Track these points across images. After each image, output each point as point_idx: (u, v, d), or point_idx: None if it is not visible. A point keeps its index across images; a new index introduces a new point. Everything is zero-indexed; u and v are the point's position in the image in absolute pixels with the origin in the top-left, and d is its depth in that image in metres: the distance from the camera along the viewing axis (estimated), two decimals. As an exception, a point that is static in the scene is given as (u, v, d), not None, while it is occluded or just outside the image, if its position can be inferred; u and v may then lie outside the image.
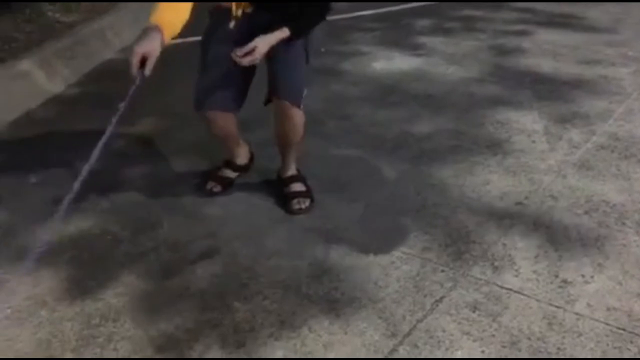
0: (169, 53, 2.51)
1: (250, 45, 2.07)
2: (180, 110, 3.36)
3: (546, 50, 4.21)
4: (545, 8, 5.33)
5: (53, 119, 3.35)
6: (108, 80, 3.93)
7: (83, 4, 4.90)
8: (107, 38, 4.40)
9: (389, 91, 3.68)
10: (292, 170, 2.57)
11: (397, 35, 4.74)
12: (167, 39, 1.97)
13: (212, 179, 2.62)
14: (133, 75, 1.89)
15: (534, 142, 2.91)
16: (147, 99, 3.54)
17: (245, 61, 2.10)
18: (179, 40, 2.87)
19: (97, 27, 4.44)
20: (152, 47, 1.89)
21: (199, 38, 2.46)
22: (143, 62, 1.88)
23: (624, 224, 2.27)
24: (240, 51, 2.08)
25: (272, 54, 2.22)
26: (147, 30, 1.93)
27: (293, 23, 2.14)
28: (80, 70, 3.95)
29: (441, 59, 4.17)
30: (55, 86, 3.69)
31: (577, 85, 3.60)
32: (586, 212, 2.35)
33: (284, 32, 2.12)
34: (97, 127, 3.16)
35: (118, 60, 4.29)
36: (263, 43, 2.09)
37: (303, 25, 2.20)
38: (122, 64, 4.13)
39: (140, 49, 1.89)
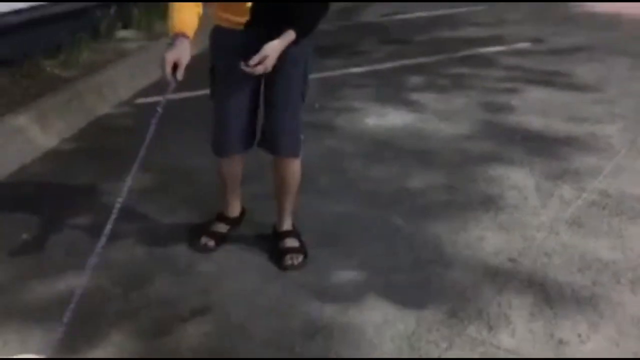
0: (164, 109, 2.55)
1: (261, 53, 2.08)
2: (174, 165, 3.40)
3: (535, 108, 4.30)
4: (533, 66, 5.48)
5: (47, 173, 3.35)
6: (103, 135, 3.97)
7: (82, 59, 5.00)
8: (103, 93, 4.46)
9: (382, 147, 3.72)
10: (287, 225, 2.58)
11: (389, 91, 4.84)
12: (192, 38, 2.09)
13: (206, 234, 2.62)
14: (168, 81, 2.05)
15: (526, 198, 2.93)
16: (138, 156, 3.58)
17: (258, 70, 2.10)
18: (175, 96, 2.91)
19: (94, 82, 4.51)
20: (182, 54, 2.03)
21: (195, 93, 2.50)
22: (175, 68, 2.03)
23: (618, 282, 2.27)
24: (252, 61, 2.08)
25: (271, 87, 2.29)
26: (175, 39, 2.05)
27: (297, 24, 2.14)
28: (75, 125, 3.98)
29: (433, 116, 4.25)
30: (50, 141, 3.70)
31: (567, 142, 3.66)
32: (580, 270, 2.35)
33: (290, 35, 2.12)
34: (90, 182, 3.21)
35: (114, 115, 4.34)
36: (272, 50, 2.09)
37: (307, 24, 2.20)
38: (118, 119, 4.23)
39: (172, 57, 2.02)
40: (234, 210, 2.69)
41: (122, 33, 6.15)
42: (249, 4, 2.17)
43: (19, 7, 4.86)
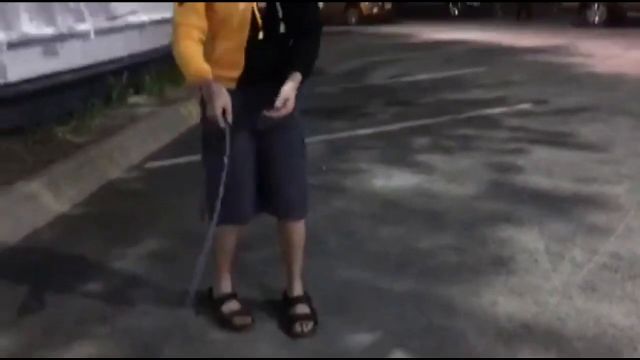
0: (168, 173, 2.59)
1: (283, 95, 2.09)
2: (183, 229, 3.41)
3: (541, 168, 4.33)
4: (537, 127, 5.55)
5: (57, 239, 3.37)
6: (113, 200, 4.01)
7: (94, 125, 5.12)
8: (114, 158, 4.54)
9: (390, 208, 3.73)
10: (298, 290, 2.53)
11: (396, 153, 4.90)
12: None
13: (236, 314, 2.46)
14: (222, 127, 2.04)
15: (536, 261, 2.91)
16: (152, 218, 3.61)
17: (282, 114, 2.12)
18: (182, 160, 2.96)
19: (106, 147, 4.60)
20: (225, 98, 2.04)
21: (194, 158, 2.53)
22: (223, 113, 2.04)
23: (635, 349, 2.22)
24: (276, 106, 2.10)
25: (273, 149, 2.29)
26: (209, 87, 2.03)
27: (301, 64, 2.18)
28: (87, 190, 4.03)
29: (440, 177, 4.28)
30: (62, 206, 3.74)
31: (575, 202, 3.66)
32: (595, 336, 2.30)
33: (297, 77, 2.15)
34: (100, 248, 3.21)
35: (124, 180, 4.39)
36: (291, 91, 2.12)
37: (310, 63, 2.23)
38: (129, 183, 4.29)
39: (220, 103, 2.02)
40: (231, 283, 2.56)
41: (134, 99, 6.32)
42: (243, 55, 2.14)
43: (31, 76, 5.02)
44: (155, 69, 6.86)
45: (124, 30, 6.69)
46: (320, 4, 19.79)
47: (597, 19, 15.59)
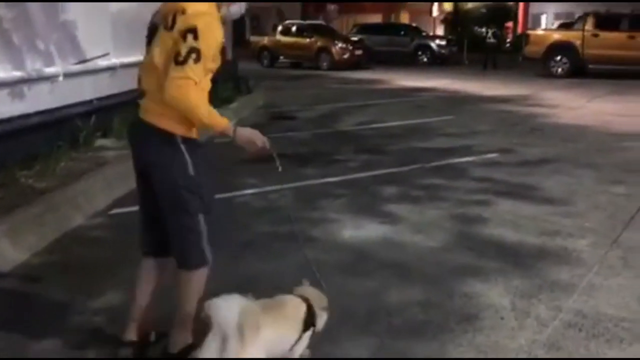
0: (134, 220, 2.54)
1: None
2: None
3: (507, 220, 4.39)
4: (502, 177, 5.65)
5: (13, 291, 3.25)
6: (75, 249, 3.90)
7: (59, 169, 5.02)
8: (78, 204, 4.44)
9: (359, 259, 3.72)
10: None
11: (365, 202, 4.92)
12: None
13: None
14: (269, 150, 2.49)
15: (502, 318, 2.91)
16: (114, 268, 3.52)
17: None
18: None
19: (70, 193, 4.50)
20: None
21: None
22: None
23: (599, 411, 2.22)
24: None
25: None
26: (241, 131, 2.43)
27: None
28: (48, 238, 3.92)
29: (408, 227, 4.29)
30: (21, 254, 3.62)
31: (540, 257, 3.70)
32: (561, 397, 2.30)
33: None
34: (59, 300, 3.10)
35: (88, 227, 4.30)
36: None
37: None
38: (92, 230, 4.19)
39: (261, 136, 2.46)
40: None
41: (101, 142, 6.24)
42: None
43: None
44: (125, 111, 6.82)
45: (95, 73, 6.66)
46: (294, 49, 20.23)
47: (560, 70, 16.16)
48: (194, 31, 2.22)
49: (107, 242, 4.05)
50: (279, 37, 21.43)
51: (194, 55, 2.19)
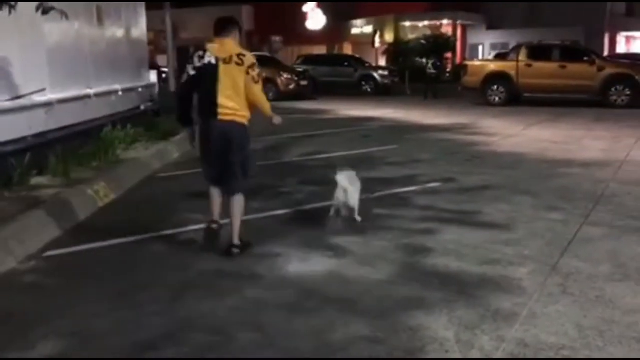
0: (68, 263, 2.42)
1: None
2: (80, 329, 3.18)
3: (450, 250, 4.45)
4: (446, 206, 5.75)
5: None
6: (5, 295, 3.71)
7: (-12, 211, 4.79)
8: (10, 247, 4.24)
9: (305, 296, 3.67)
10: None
11: (311, 235, 4.89)
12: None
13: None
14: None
15: (447, 351, 2.92)
16: (46, 316, 3.35)
17: None
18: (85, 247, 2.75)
19: (1, 235, 4.28)
20: None
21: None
22: None
23: None
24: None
25: None
26: (275, 115, 4.64)
27: None
28: (-25, 285, 3.71)
29: (353, 260, 4.29)
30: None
31: (482, 286, 3.76)
32: None
33: None
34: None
35: (20, 272, 4.09)
36: None
37: None
38: (24, 275, 4.00)
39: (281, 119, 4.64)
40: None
41: (37, 180, 6.01)
42: None
43: None
44: (62, 148, 6.62)
45: (30, 109, 6.45)
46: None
47: (497, 99, 16.76)
48: (255, 65, 4.31)
49: (40, 288, 3.86)
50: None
51: (259, 79, 4.38)
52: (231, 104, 4.24)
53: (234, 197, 4.44)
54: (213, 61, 4.21)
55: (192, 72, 4.28)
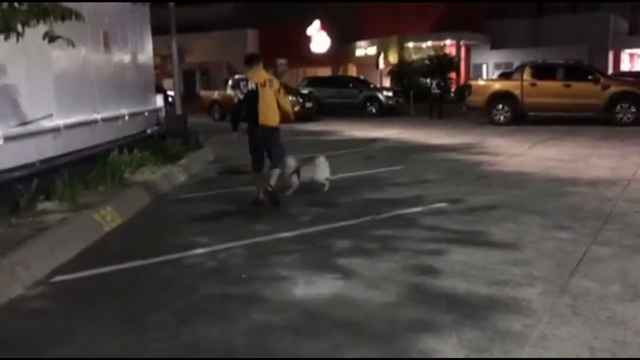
0: (75, 289, 2.40)
1: None
2: (86, 355, 3.16)
3: (458, 271, 4.41)
4: (453, 226, 5.72)
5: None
6: (11, 322, 3.70)
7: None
8: (16, 273, 4.23)
9: (312, 319, 3.65)
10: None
11: (317, 257, 4.87)
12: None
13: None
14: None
15: (457, 375, 2.89)
16: (53, 343, 3.33)
17: None
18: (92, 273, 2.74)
19: (7, 262, 4.28)
20: None
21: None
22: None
23: None
24: None
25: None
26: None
27: None
28: (-18, 312, 3.70)
29: (360, 283, 4.26)
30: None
31: (491, 307, 3.72)
32: None
33: None
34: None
35: (27, 298, 4.08)
36: None
37: None
38: (31, 302, 3.99)
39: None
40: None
41: (44, 205, 6.04)
42: None
43: None
44: (69, 173, 6.65)
45: (37, 135, 6.50)
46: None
47: (502, 118, 16.79)
48: (280, 86, 6.60)
49: (47, 315, 3.85)
50: (229, 91, 21.56)
51: (285, 93, 6.71)
52: (268, 115, 6.55)
53: (274, 169, 6.79)
54: (254, 87, 6.54)
55: (240, 96, 6.61)
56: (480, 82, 18.73)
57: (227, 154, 11.66)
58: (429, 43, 31.01)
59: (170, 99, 17.02)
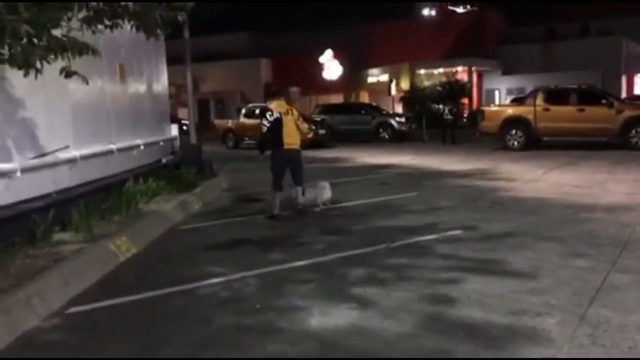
0: (90, 320, 2.38)
1: None
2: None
3: (474, 300, 4.36)
4: (468, 254, 5.66)
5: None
6: (27, 355, 3.69)
7: (14, 267, 4.84)
8: (32, 305, 4.25)
9: (327, 351, 3.61)
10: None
11: (332, 286, 4.84)
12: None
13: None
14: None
15: (476, 408, 2.83)
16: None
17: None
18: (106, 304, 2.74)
19: (23, 294, 4.30)
20: None
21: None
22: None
23: None
24: None
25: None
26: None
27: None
28: (-2, 344, 3.71)
29: (376, 312, 4.22)
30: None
31: (509, 338, 3.66)
32: None
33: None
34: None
35: (42, 330, 4.09)
36: None
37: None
38: (47, 334, 4.00)
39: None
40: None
41: (60, 236, 6.08)
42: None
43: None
44: (85, 203, 6.71)
45: (54, 166, 6.59)
46: (258, 130, 20.48)
47: (516, 143, 16.74)
48: (300, 114, 7.91)
49: (62, 346, 3.85)
50: (243, 119, 21.80)
51: (303, 120, 7.92)
52: (291, 140, 7.70)
53: (299, 187, 7.82)
54: (278, 115, 7.63)
55: (267, 124, 7.64)
56: (493, 108, 18.77)
57: (241, 182, 11.73)
58: (441, 70, 31.20)
59: (185, 128, 17.20)
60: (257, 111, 21.70)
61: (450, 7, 35.52)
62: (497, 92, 34.20)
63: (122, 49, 8.71)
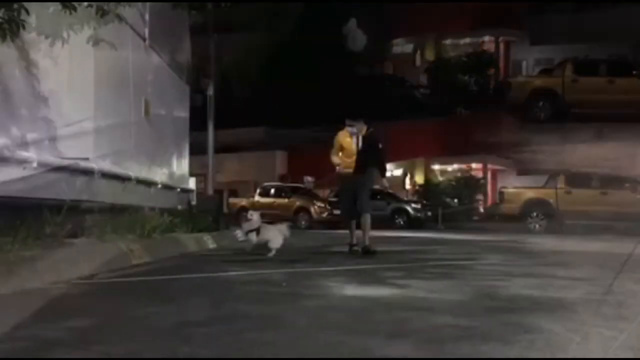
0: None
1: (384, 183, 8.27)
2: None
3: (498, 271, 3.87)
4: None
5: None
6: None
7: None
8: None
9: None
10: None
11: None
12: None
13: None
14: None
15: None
16: None
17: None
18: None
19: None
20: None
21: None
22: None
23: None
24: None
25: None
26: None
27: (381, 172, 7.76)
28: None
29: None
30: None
31: (534, 309, 3.18)
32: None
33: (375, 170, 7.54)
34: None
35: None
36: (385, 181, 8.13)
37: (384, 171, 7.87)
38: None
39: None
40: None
41: (69, 240, 5.66)
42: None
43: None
44: (98, 216, 6.39)
45: (71, 173, 6.34)
46: (272, 208, 20.29)
47: (542, 115, 16.08)
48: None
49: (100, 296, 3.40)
50: (257, 198, 21.67)
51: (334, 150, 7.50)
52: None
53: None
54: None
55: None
56: (512, 190, 18.07)
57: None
58: (467, 40, 29.64)
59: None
60: (273, 190, 21.62)
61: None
62: (524, 63, 31.17)
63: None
